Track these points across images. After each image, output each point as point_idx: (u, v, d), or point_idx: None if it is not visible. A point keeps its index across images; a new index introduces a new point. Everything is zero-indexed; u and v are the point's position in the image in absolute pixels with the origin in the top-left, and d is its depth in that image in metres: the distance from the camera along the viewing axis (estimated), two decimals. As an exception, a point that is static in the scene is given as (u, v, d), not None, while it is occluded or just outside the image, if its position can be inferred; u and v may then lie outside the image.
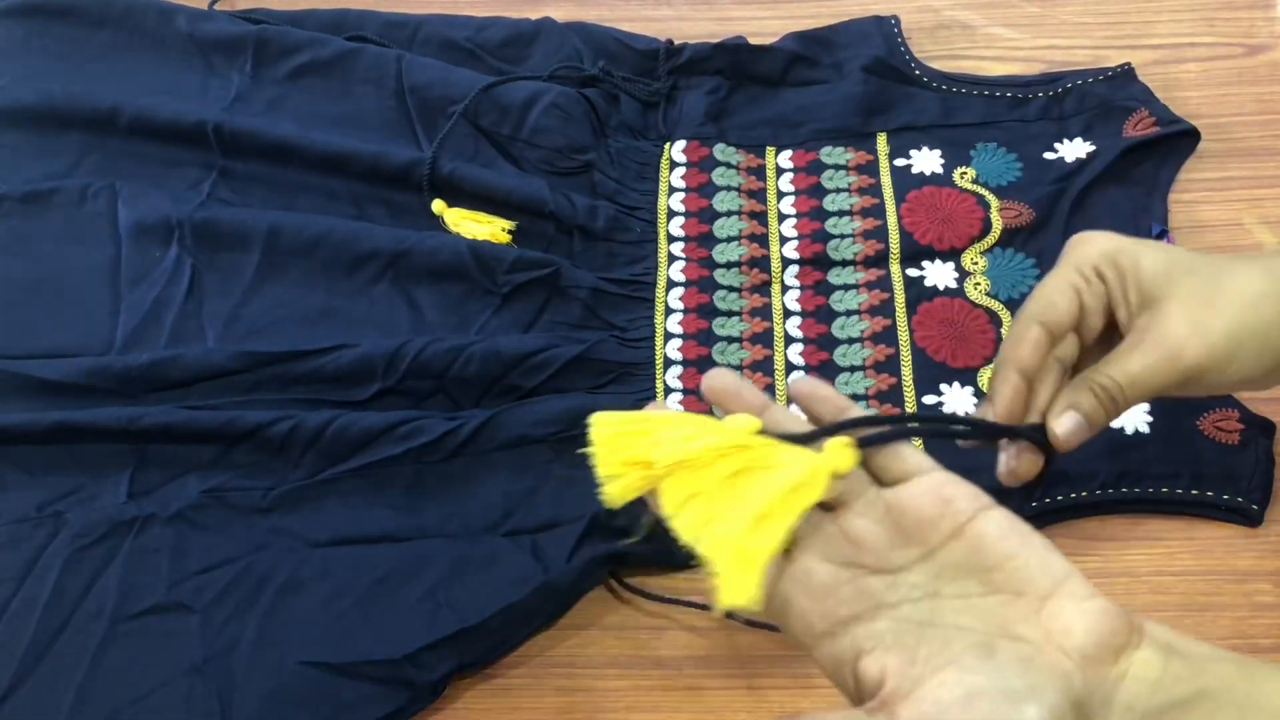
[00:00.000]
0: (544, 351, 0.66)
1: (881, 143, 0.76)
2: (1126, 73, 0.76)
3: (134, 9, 0.81)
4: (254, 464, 0.64)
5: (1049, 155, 0.74)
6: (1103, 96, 0.75)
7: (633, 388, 0.67)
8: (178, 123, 0.74)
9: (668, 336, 0.69)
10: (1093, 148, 0.73)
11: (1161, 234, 0.69)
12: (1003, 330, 0.68)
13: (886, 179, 0.74)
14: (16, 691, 0.57)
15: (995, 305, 0.69)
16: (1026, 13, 0.82)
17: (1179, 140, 0.74)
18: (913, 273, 0.70)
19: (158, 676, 0.57)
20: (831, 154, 0.76)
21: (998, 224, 0.71)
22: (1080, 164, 0.73)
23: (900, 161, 0.75)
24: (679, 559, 0.61)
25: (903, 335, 0.68)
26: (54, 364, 0.66)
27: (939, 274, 0.70)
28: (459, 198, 0.73)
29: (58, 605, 0.59)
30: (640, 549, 0.61)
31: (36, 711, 0.56)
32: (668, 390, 0.67)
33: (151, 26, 0.80)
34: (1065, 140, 0.74)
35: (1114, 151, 0.72)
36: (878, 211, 0.72)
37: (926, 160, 0.75)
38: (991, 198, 0.72)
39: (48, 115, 0.76)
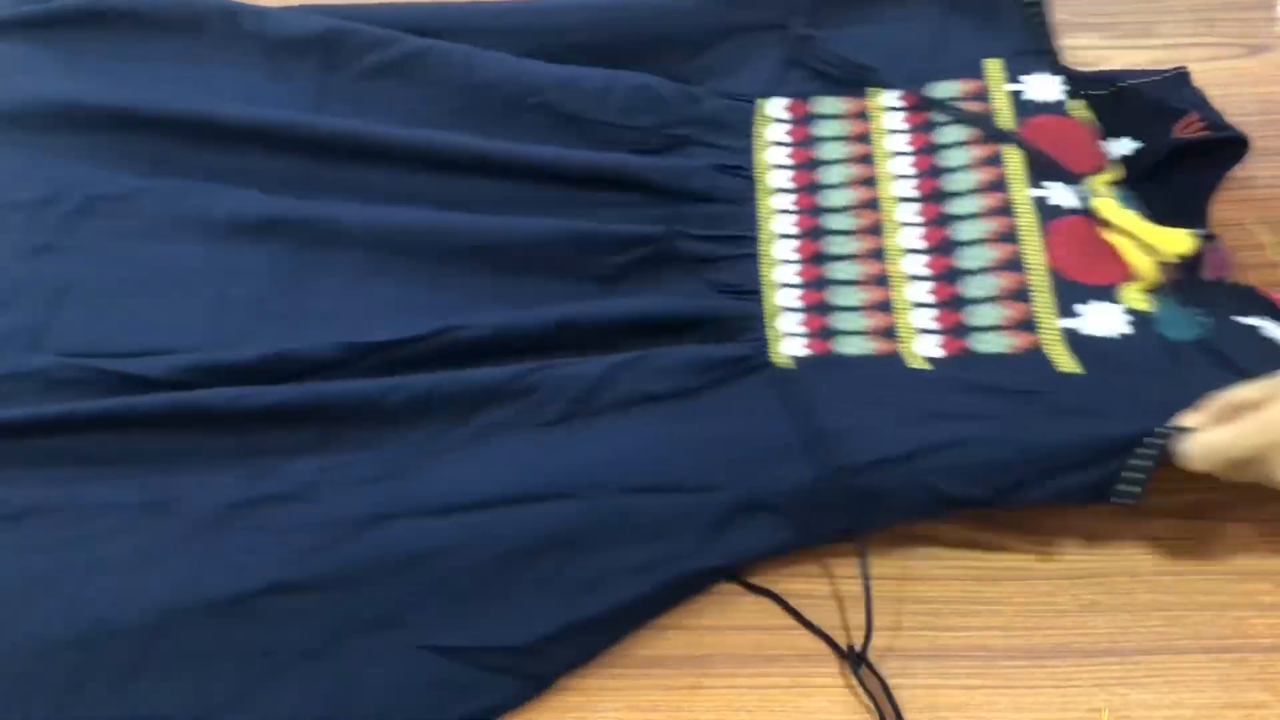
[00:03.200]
0: (657, 312, 0.65)
1: (993, 68, 0.73)
2: (1180, 75, 0.75)
3: (199, 12, 0.79)
4: (365, 437, 0.63)
5: None
6: (1152, 97, 0.74)
7: (749, 337, 0.65)
8: (257, 125, 0.73)
9: (781, 286, 0.67)
10: (1140, 145, 0.72)
11: (1208, 238, 0.68)
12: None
13: (1002, 105, 0.71)
14: (134, 683, 0.56)
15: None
16: (1026, 13, 0.82)
17: (1227, 146, 0.72)
18: (1037, 193, 0.68)
19: (275, 660, 0.57)
20: (940, 89, 0.73)
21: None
22: (1126, 161, 0.71)
23: (1012, 87, 0.72)
24: (822, 536, 0.60)
25: (1034, 258, 0.66)
26: (157, 361, 0.65)
27: (1063, 195, 0.68)
28: (549, 184, 0.72)
29: (169, 592, 0.58)
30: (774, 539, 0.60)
31: (156, 701, 0.56)
32: (785, 336, 0.65)
33: (218, 29, 0.79)
34: (1112, 139, 0.73)
35: (1162, 151, 0.70)
36: (996, 131, 0.70)
37: (1042, 86, 0.72)
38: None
39: (127, 119, 0.74)
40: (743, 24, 0.78)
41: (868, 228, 0.69)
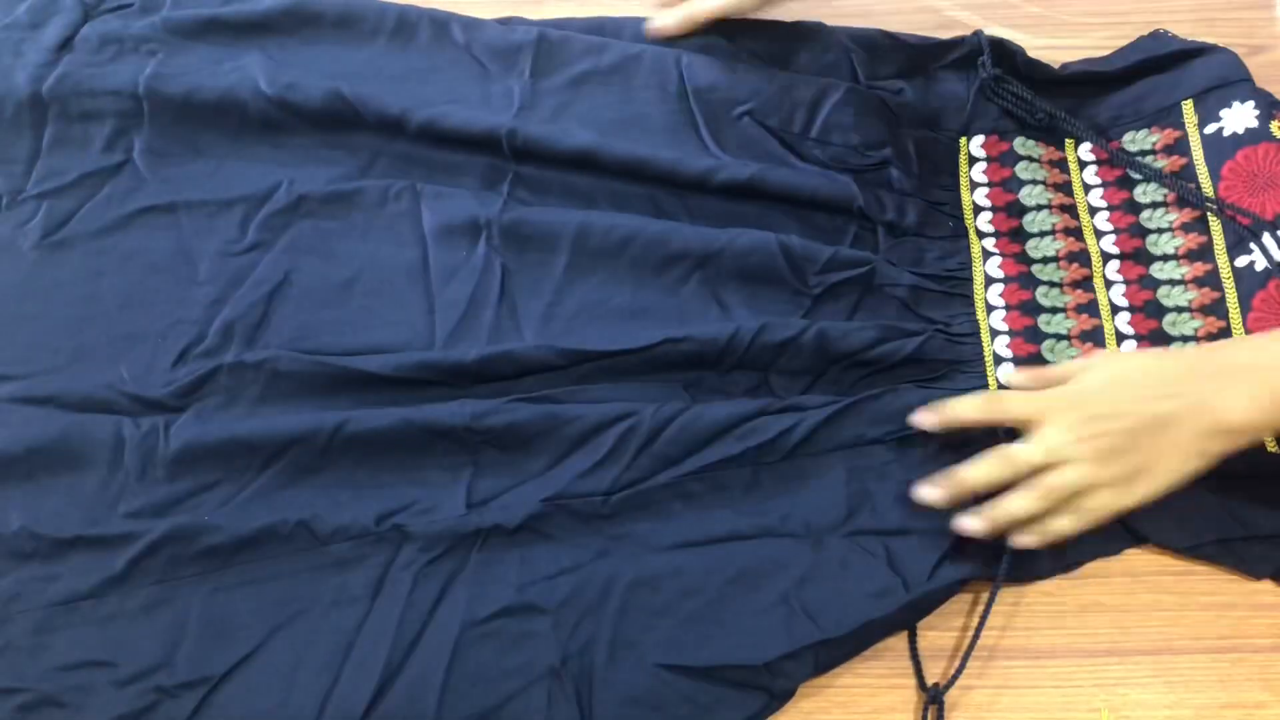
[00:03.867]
0: (879, 345, 0.65)
1: (1189, 111, 0.72)
2: None
3: (409, 19, 0.79)
4: (591, 467, 0.63)
5: None
6: None
7: (962, 384, 0.65)
8: (467, 129, 0.73)
9: (994, 333, 0.67)
10: None
11: None
12: None
13: (1199, 154, 0.71)
14: (379, 704, 0.57)
15: None
16: (1027, 13, 0.82)
17: None
18: (1241, 262, 0.67)
19: (517, 680, 0.57)
20: (1135, 139, 0.73)
21: None
22: None
23: (1210, 128, 0.71)
24: (1046, 570, 0.61)
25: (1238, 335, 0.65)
26: (379, 358, 0.66)
27: (1267, 256, 0.66)
28: (757, 199, 0.71)
29: (412, 619, 0.59)
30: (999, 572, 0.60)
31: None
32: (1001, 387, 0.66)
33: (428, 35, 0.79)
34: None
35: None
36: (1194, 196, 0.69)
37: (1239, 117, 0.70)
38: None
39: (337, 117, 0.74)
40: (933, 61, 0.77)
41: (1077, 281, 0.69)
